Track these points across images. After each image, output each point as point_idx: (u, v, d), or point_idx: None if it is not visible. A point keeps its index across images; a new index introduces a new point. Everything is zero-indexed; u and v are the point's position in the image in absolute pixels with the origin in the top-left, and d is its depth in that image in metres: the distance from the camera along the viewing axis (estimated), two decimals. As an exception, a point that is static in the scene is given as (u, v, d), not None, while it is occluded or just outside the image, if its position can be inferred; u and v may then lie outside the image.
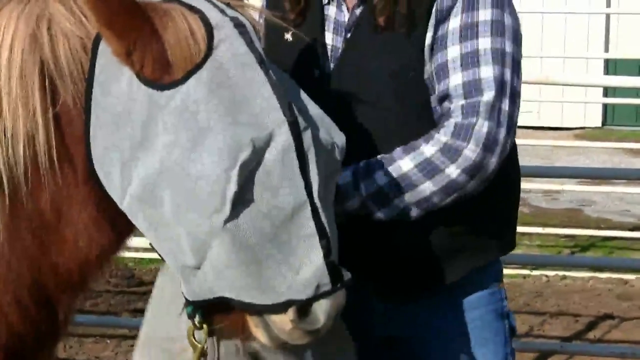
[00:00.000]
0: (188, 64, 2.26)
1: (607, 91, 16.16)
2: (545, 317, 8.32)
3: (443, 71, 2.81)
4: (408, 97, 2.86)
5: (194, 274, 2.30)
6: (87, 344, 7.32)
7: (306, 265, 2.23)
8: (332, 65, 2.93)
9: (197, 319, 2.44)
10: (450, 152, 2.69)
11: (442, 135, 2.71)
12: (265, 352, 2.55)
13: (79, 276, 2.62)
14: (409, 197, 2.72)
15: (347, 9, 2.94)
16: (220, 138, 2.16)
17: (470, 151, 2.69)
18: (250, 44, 2.29)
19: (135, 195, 2.28)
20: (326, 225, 2.23)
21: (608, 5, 15.76)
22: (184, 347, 2.54)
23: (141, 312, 7.43)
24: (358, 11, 2.91)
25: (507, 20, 2.81)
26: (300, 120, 2.23)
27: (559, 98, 14.98)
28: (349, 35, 2.92)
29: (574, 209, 12.33)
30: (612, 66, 18.52)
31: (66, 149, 2.48)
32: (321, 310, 2.29)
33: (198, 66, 2.25)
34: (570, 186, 11.18)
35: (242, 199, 2.16)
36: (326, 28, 2.98)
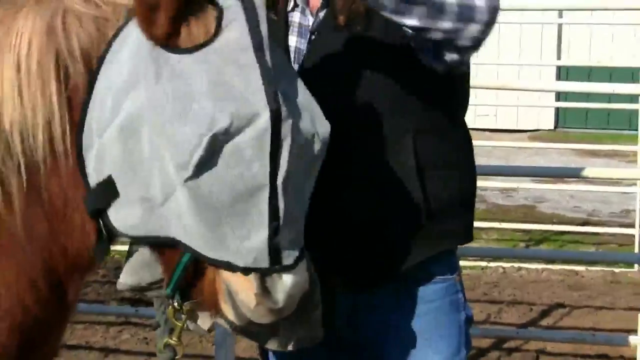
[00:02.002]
0: (196, 40, 2.28)
1: (559, 96, 16.20)
2: (502, 305, 8.35)
3: None
4: (373, 94, 2.85)
5: (155, 210, 2.32)
6: (78, 330, 7.32)
7: (252, 238, 2.25)
8: (296, 66, 2.92)
9: (176, 301, 2.47)
10: None
11: None
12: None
13: (87, 258, 2.61)
14: None
15: (311, 13, 2.94)
16: (206, 106, 2.18)
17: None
18: (254, 27, 2.31)
19: (119, 125, 2.30)
20: (281, 210, 2.25)
21: (560, 16, 15.80)
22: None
23: (127, 300, 7.36)
24: (321, 14, 2.91)
25: None
26: (284, 109, 2.23)
27: (515, 102, 15.03)
28: (313, 37, 2.93)
29: (528, 206, 12.41)
30: (563, 72, 18.63)
31: (74, 132, 2.48)
32: (282, 289, 2.31)
33: (203, 45, 2.27)
34: (525, 184, 11.26)
35: (208, 164, 2.19)
36: (290, 32, 2.98)
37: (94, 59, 2.44)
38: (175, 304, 2.50)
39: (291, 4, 2.99)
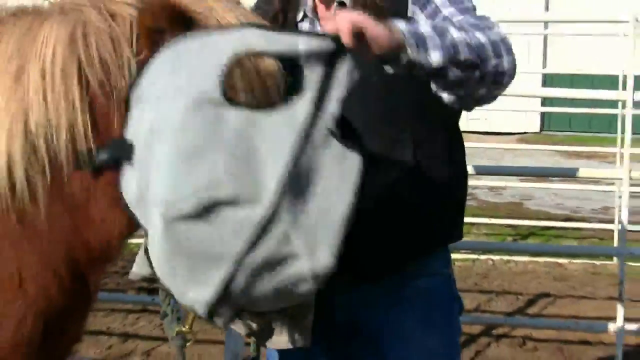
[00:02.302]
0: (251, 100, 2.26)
1: (545, 101, 16.23)
2: (492, 295, 8.34)
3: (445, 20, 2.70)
4: (378, 99, 2.84)
5: (143, 202, 2.27)
6: (99, 317, 7.34)
7: (197, 292, 2.21)
8: None
9: None
10: (507, 46, 2.59)
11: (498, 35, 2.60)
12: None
13: (106, 251, 2.63)
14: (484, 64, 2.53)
15: (320, 24, 2.93)
16: (218, 166, 2.07)
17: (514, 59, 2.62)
18: (315, 113, 2.12)
19: (151, 121, 2.24)
20: (234, 288, 2.15)
21: (546, 27, 15.82)
22: None
23: (144, 289, 7.33)
24: None
25: None
26: (286, 214, 2.08)
27: (504, 107, 15.05)
28: None
29: (516, 203, 12.40)
30: (549, 79, 18.62)
31: (95, 133, 2.50)
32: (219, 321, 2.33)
33: (256, 105, 2.21)
34: (512, 183, 11.25)
35: (191, 216, 2.09)
36: None
37: (112, 67, 2.47)
38: None
39: (300, 15, 2.98)
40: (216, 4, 2.49)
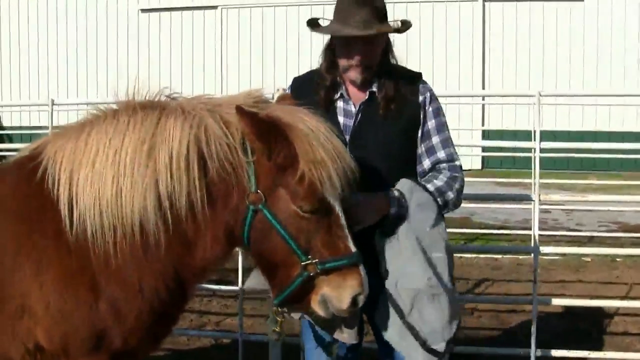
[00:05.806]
0: None
1: (485, 148, 16.16)
2: (449, 280, 8.29)
3: (431, 150, 3.01)
4: (393, 157, 2.96)
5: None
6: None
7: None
8: (347, 137, 2.96)
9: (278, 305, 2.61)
10: (454, 180, 2.98)
11: (447, 173, 3.01)
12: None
13: (202, 271, 2.67)
14: (444, 197, 3.03)
15: (354, 104, 2.97)
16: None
17: (461, 179, 3.01)
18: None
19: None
20: None
21: (483, 99, 15.79)
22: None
23: (213, 280, 7.21)
24: (363, 105, 2.96)
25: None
26: None
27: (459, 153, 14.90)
28: (359, 118, 2.97)
29: (465, 217, 12.32)
30: (486, 134, 18.51)
31: (210, 203, 2.52)
32: (359, 303, 2.48)
33: None
34: (463, 204, 11.15)
35: None
36: (338, 113, 2.99)
37: (227, 164, 2.48)
38: (279, 307, 2.61)
39: (337, 95, 2.99)
40: (305, 116, 2.51)
